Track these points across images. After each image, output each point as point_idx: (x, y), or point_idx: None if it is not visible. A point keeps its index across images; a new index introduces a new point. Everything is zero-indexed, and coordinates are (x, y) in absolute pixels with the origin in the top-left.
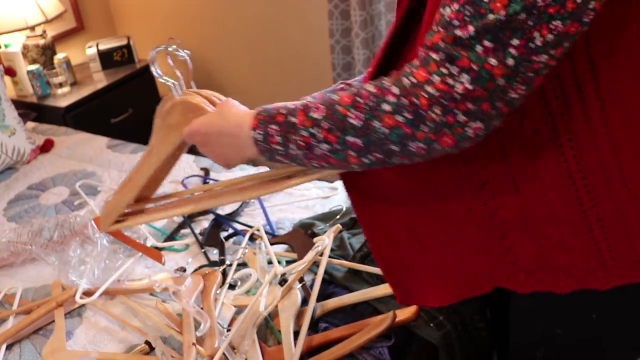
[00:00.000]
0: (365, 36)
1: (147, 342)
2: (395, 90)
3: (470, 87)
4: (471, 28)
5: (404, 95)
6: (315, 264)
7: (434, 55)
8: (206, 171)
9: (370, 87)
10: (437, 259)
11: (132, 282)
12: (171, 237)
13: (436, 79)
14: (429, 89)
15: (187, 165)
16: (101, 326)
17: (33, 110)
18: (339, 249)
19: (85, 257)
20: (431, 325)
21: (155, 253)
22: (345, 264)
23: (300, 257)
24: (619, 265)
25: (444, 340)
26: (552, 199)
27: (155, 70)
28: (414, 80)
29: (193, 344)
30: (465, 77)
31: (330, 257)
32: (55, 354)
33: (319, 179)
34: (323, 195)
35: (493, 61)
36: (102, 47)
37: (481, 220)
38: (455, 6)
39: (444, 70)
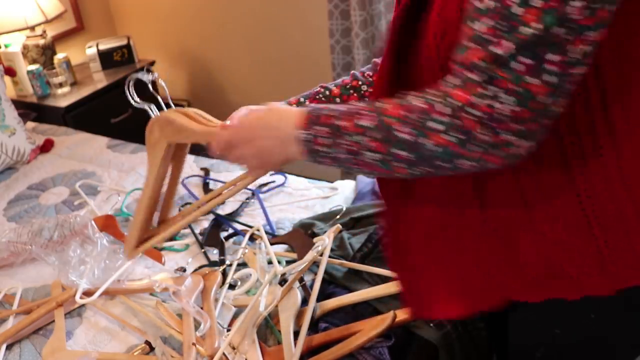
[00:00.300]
0: (365, 36)
1: (147, 342)
2: (443, 109)
3: (515, 108)
4: (509, 45)
5: (451, 115)
6: (315, 264)
7: (473, 76)
8: (206, 171)
9: (419, 102)
10: (449, 270)
11: (132, 282)
12: (171, 237)
13: (478, 101)
14: (473, 111)
15: (187, 165)
16: (101, 326)
17: (33, 110)
18: (339, 249)
19: (85, 257)
20: (431, 325)
21: (155, 253)
22: (345, 264)
23: (300, 257)
24: (621, 269)
25: (444, 340)
26: (557, 205)
27: (130, 97)
28: (456, 102)
29: (193, 344)
30: (507, 98)
31: (330, 257)
32: (55, 354)
33: (319, 179)
34: (323, 195)
35: (532, 80)
36: (102, 47)
37: (489, 229)
38: (489, 21)
39: (485, 92)
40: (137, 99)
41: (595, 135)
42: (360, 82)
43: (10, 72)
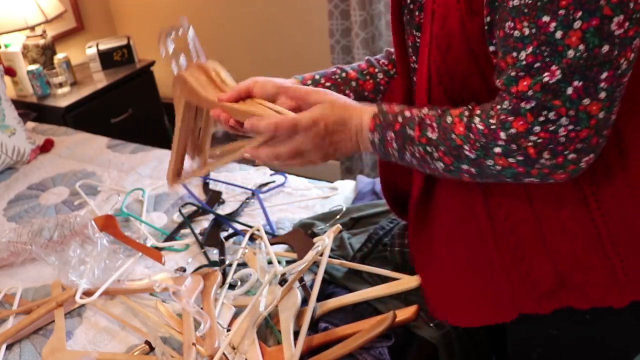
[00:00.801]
0: (365, 36)
1: (147, 342)
2: (503, 135)
3: (574, 129)
4: (557, 71)
5: (512, 142)
6: (315, 264)
7: (526, 105)
8: None
9: (480, 125)
10: (463, 282)
11: (132, 282)
12: (171, 237)
13: (537, 128)
14: (533, 138)
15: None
16: (101, 326)
17: (33, 110)
18: (339, 249)
19: (85, 257)
20: (431, 325)
21: (155, 253)
22: (345, 264)
23: (300, 257)
24: (632, 280)
25: (444, 340)
26: (566, 215)
27: (163, 50)
28: (514, 131)
29: (193, 344)
30: (565, 121)
31: (330, 257)
32: (55, 354)
33: (319, 179)
34: (323, 195)
35: (587, 101)
36: (102, 47)
37: (501, 240)
38: (530, 49)
39: (542, 119)
40: (170, 49)
41: (603, 156)
42: (376, 70)
43: (10, 72)
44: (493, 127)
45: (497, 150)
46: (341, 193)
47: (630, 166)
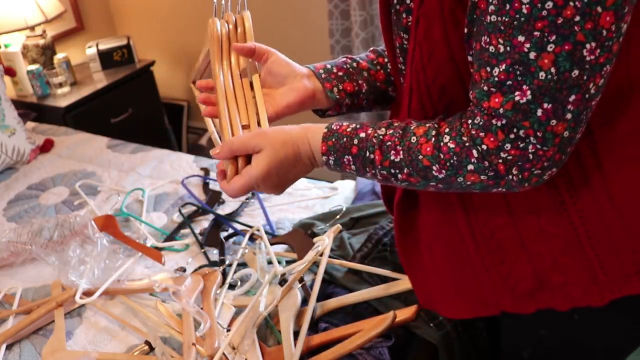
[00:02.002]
0: (365, 36)
1: (147, 342)
2: (475, 153)
3: (541, 148)
4: (528, 91)
5: (483, 159)
6: (315, 264)
7: (497, 122)
8: (206, 171)
9: (451, 143)
10: (449, 280)
11: (132, 282)
12: (171, 237)
13: (507, 146)
14: (504, 155)
15: (187, 165)
16: (101, 326)
17: (33, 110)
18: (339, 249)
19: (85, 257)
20: (431, 325)
21: (155, 253)
22: (345, 264)
23: (300, 257)
24: (611, 280)
25: (444, 340)
26: (544, 219)
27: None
28: (485, 147)
29: (193, 344)
30: (534, 140)
31: (330, 257)
32: (55, 354)
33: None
34: (323, 195)
35: (554, 122)
36: (102, 47)
37: (481, 243)
38: (503, 66)
39: (512, 136)
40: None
41: (581, 162)
42: (385, 60)
43: (10, 72)
44: (466, 144)
45: (470, 167)
46: (341, 193)
47: (607, 173)
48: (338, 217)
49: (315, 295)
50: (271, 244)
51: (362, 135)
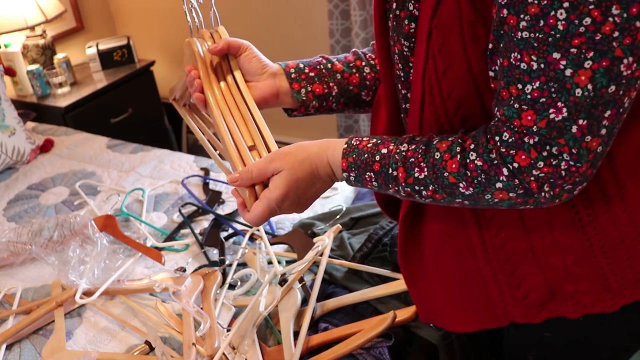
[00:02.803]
0: (366, 36)
1: (147, 342)
2: (506, 171)
3: (574, 164)
4: (563, 108)
5: (514, 177)
6: (315, 264)
7: (529, 140)
8: (206, 171)
9: (478, 160)
10: (456, 292)
11: (132, 282)
12: (171, 237)
13: (540, 164)
14: (536, 172)
15: (187, 165)
16: (101, 326)
17: (33, 110)
18: (339, 249)
19: (85, 257)
20: (431, 325)
21: (155, 253)
22: (345, 264)
23: (300, 257)
24: (623, 286)
25: (443, 340)
26: (557, 230)
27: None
28: (517, 165)
29: (193, 344)
30: (567, 157)
31: (330, 257)
32: (55, 354)
33: None
34: (323, 195)
35: (589, 138)
36: (102, 47)
37: (491, 254)
38: (537, 83)
39: (545, 154)
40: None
41: (597, 173)
42: (363, 63)
43: (10, 72)
44: (495, 162)
45: (499, 185)
46: (341, 193)
47: (622, 183)
48: (338, 217)
49: (315, 295)
50: (271, 244)
51: (384, 151)
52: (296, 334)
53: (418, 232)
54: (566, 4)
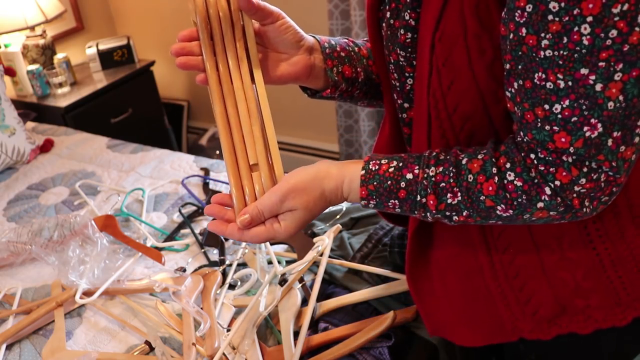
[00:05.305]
0: (366, 36)
1: (147, 342)
2: (548, 190)
3: (613, 175)
4: (597, 124)
5: (556, 196)
6: (315, 264)
7: (567, 159)
8: (206, 171)
9: (518, 181)
10: (464, 309)
11: (132, 282)
12: (171, 237)
13: (582, 180)
14: (577, 188)
15: (187, 165)
16: (101, 326)
17: (33, 110)
18: (339, 249)
19: (85, 257)
20: None
21: (155, 253)
22: (345, 264)
23: (300, 257)
24: (634, 299)
25: (443, 340)
26: (566, 244)
27: None
28: (559, 183)
29: (193, 344)
30: (606, 169)
31: (330, 257)
32: (55, 354)
33: None
34: None
35: (623, 148)
36: (102, 47)
37: (499, 271)
38: (566, 102)
39: (585, 170)
40: None
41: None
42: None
43: (10, 72)
44: (536, 181)
45: (540, 205)
46: None
47: (630, 194)
48: (338, 217)
49: (315, 295)
50: (271, 244)
51: (409, 176)
52: (296, 334)
53: (426, 251)
54: (590, 19)
